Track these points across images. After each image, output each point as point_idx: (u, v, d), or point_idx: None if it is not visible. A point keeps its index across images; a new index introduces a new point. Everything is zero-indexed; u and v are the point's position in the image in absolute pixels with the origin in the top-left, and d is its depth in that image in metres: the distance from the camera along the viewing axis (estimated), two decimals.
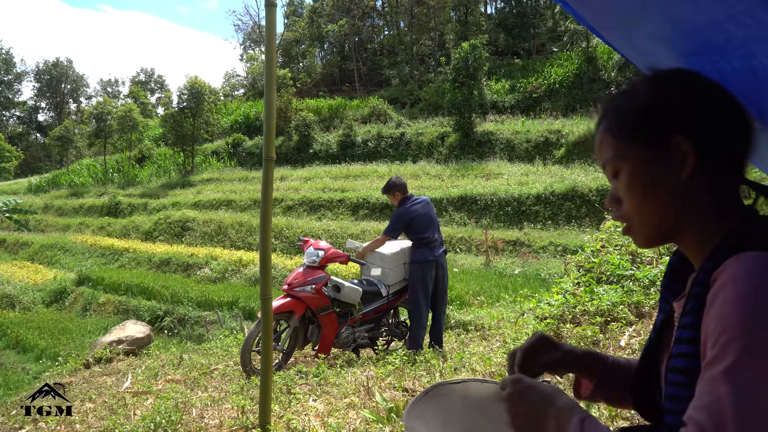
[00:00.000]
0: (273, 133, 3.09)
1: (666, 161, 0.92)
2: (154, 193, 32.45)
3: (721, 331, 0.75)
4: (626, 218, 0.98)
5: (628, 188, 0.95)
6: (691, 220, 0.93)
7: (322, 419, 3.20)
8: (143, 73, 78.45)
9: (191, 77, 35.69)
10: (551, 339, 1.21)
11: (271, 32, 3.02)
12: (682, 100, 0.91)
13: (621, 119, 0.96)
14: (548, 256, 16.51)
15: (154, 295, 17.28)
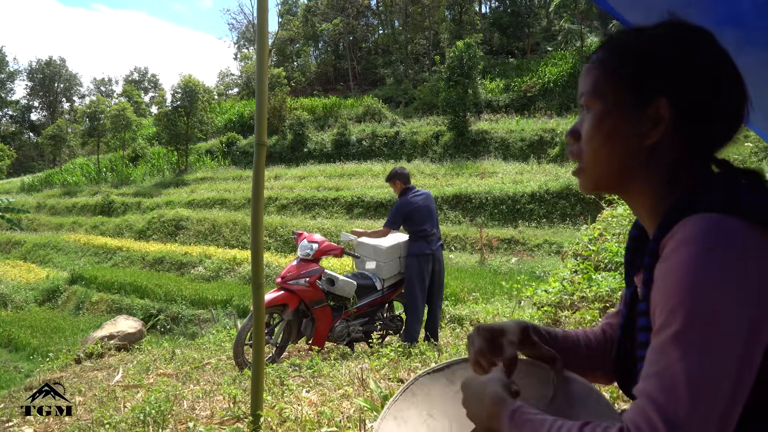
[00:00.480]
0: (265, 119, 3.03)
1: (638, 118, 0.86)
2: (147, 192, 32.31)
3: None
4: (579, 157, 0.93)
5: (591, 129, 0.90)
6: (643, 180, 0.89)
7: (315, 408, 3.14)
8: (137, 72, 78.30)
9: (185, 76, 35.58)
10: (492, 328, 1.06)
11: (263, 12, 2.96)
12: (685, 62, 0.84)
13: (617, 58, 0.89)
14: (543, 254, 16.50)
15: (148, 293, 17.20)
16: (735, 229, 0.72)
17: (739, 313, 0.68)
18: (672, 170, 0.87)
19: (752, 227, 0.73)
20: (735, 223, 0.73)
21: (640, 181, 0.89)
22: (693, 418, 0.65)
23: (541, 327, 1.13)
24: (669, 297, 0.72)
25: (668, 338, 0.70)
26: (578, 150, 0.92)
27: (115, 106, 42.34)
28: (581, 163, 0.93)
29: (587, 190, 0.95)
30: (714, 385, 0.66)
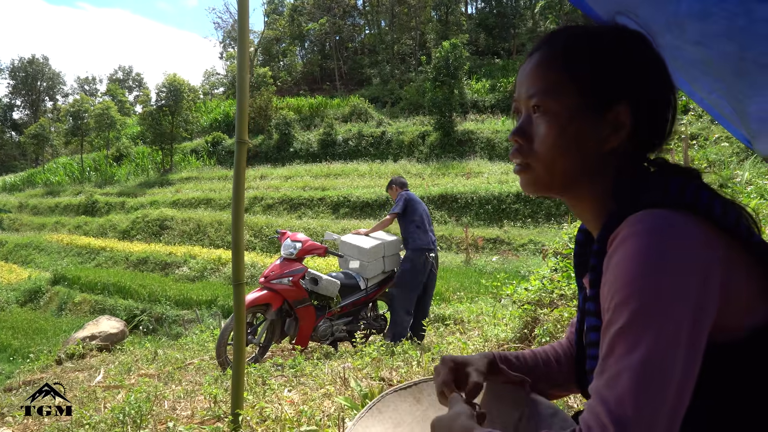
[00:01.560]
0: (246, 116, 3.02)
1: (599, 124, 0.85)
2: (131, 192, 32.05)
3: (615, 292, 0.72)
4: (528, 158, 0.90)
5: (550, 134, 0.86)
6: (593, 186, 0.88)
7: (296, 407, 3.13)
8: (121, 70, 77.54)
9: (170, 75, 35.35)
10: (458, 360, 1.08)
11: (243, 8, 2.95)
12: (641, 67, 0.85)
13: (575, 59, 0.86)
14: (528, 254, 16.58)
15: (131, 294, 17.05)
16: (678, 222, 0.73)
17: (684, 306, 0.69)
18: (621, 174, 0.87)
19: (695, 220, 0.74)
20: (678, 217, 0.74)
21: (589, 185, 0.88)
22: (641, 414, 0.65)
23: (509, 353, 1.14)
24: (615, 292, 0.72)
25: (615, 334, 0.70)
26: (527, 151, 0.90)
27: (99, 105, 41.97)
28: (528, 164, 0.90)
29: (534, 191, 0.93)
30: (661, 381, 0.66)
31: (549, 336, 2.85)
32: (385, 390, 3.22)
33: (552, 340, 2.85)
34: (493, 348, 3.40)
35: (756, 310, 0.76)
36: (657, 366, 0.66)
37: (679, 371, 0.67)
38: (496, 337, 3.53)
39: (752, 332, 0.76)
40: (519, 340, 3.27)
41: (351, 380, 3.24)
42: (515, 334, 3.32)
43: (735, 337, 0.75)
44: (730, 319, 0.74)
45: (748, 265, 0.77)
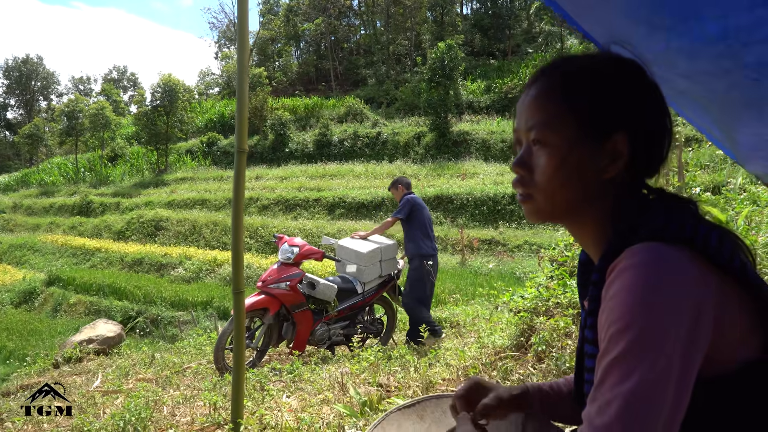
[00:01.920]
0: (245, 125, 3.04)
1: (598, 154, 0.87)
2: (126, 193, 31.97)
3: (611, 323, 0.75)
4: (529, 188, 0.92)
5: (550, 166, 0.88)
6: (593, 213, 0.91)
7: (295, 414, 3.17)
8: (116, 70, 77.32)
9: (165, 75, 35.25)
10: (484, 384, 1.16)
11: (243, 18, 2.98)
12: (637, 98, 0.87)
13: (572, 91, 0.88)
14: (523, 255, 16.63)
15: (127, 295, 17.04)
16: (674, 257, 0.76)
17: (676, 341, 0.71)
18: (620, 201, 0.90)
19: (690, 255, 0.77)
20: (674, 252, 0.76)
21: (589, 212, 0.91)
22: None
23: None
24: (612, 323, 0.74)
25: (609, 364, 0.73)
26: (529, 181, 0.92)
27: (93, 105, 41.83)
28: (530, 194, 0.92)
29: (536, 220, 0.95)
30: (650, 412, 0.69)
31: (545, 344, 2.89)
32: (383, 396, 3.25)
33: (548, 348, 2.89)
34: (489, 355, 3.44)
35: (748, 344, 0.79)
36: (647, 397, 0.69)
37: (669, 404, 0.70)
38: (492, 344, 3.57)
39: (743, 366, 0.78)
40: (516, 348, 3.32)
41: (350, 387, 3.28)
42: (512, 341, 3.36)
43: (726, 370, 0.78)
44: (722, 353, 0.77)
45: (741, 300, 0.79)
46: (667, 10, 0.97)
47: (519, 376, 2.89)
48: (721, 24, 0.86)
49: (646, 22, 1.09)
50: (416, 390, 3.19)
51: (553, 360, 2.78)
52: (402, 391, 3.28)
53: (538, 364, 2.92)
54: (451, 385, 3.21)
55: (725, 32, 0.87)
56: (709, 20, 0.88)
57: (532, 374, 2.83)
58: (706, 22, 0.89)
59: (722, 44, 0.89)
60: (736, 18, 0.80)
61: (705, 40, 0.94)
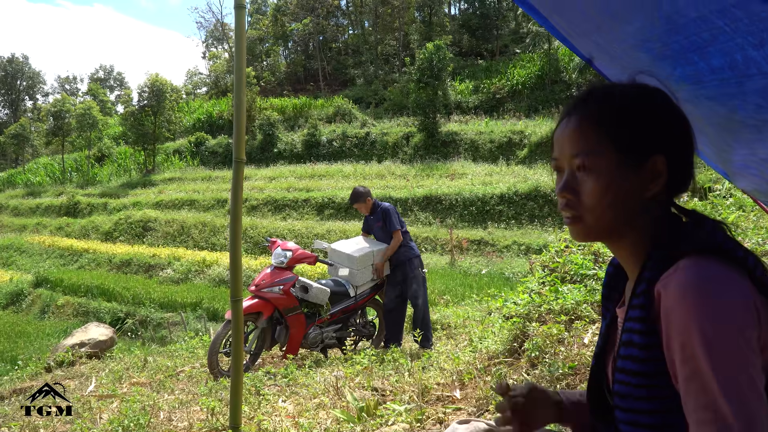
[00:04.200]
0: (243, 135, 3.08)
1: (639, 175, 0.96)
2: (114, 193, 31.78)
3: (684, 346, 0.83)
4: (577, 211, 1.00)
5: (598, 189, 0.96)
6: (636, 229, 1.00)
7: (293, 420, 3.21)
8: (102, 69, 76.68)
9: (152, 75, 35.10)
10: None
11: (241, 34, 3.01)
12: (670, 123, 0.97)
13: (612, 120, 0.97)
14: (512, 255, 16.76)
15: (115, 296, 16.96)
16: (727, 276, 0.86)
17: (748, 351, 0.82)
18: (660, 218, 0.99)
19: (736, 269, 0.87)
20: (725, 270, 0.86)
21: (633, 231, 1.00)
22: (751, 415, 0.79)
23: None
24: (683, 347, 0.84)
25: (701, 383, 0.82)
26: (577, 204, 1.00)
27: (80, 104, 41.46)
28: (578, 216, 1.00)
29: (584, 239, 1.04)
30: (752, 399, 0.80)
31: (538, 351, 2.96)
32: (379, 402, 3.31)
33: (541, 355, 2.96)
34: (483, 360, 3.51)
35: None
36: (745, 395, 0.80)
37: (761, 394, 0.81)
38: (486, 348, 3.64)
39: None
40: (509, 353, 3.39)
41: (346, 393, 3.33)
42: (505, 347, 3.43)
43: None
44: None
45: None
46: (674, 44, 1.03)
47: (513, 381, 2.96)
48: (727, 58, 0.92)
49: (652, 51, 1.15)
50: (411, 395, 3.25)
51: (546, 366, 2.85)
52: (398, 396, 3.34)
53: (532, 370, 2.99)
54: (446, 390, 3.27)
55: (732, 64, 0.92)
56: (716, 54, 0.94)
57: (526, 380, 2.90)
58: (712, 55, 0.95)
59: (728, 74, 0.95)
60: (744, 53, 0.86)
61: (710, 71, 1.00)
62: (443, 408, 2.96)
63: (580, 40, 1.52)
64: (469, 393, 3.14)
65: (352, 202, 6.36)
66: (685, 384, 0.84)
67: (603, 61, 1.58)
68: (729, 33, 0.91)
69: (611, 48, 1.37)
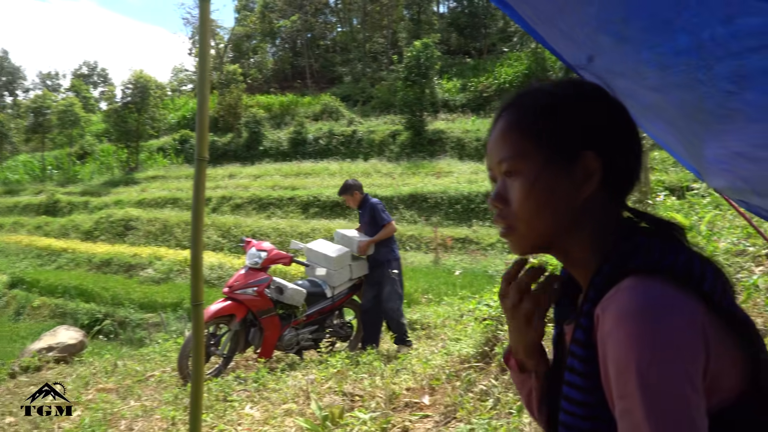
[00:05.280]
0: (206, 132, 2.96)
1: (570, 175, 0.87)
2: (95, 191, 31.35)
3: (619, 378, 0.73)
4: (510, 221, 0.91)
5: (523, 192, 0.88)
6: (579, 238, 0.90)
7: (258, 427, 3.09)
8: (86, 65, 75.64)
9: (136, 71, 34.67)
10: None
11: (205, 27, 2.89)
12: (600, 116, 0.88)
13: (534, 118, 0.90)
14: (496, 253, 16.71)
15: (94, 297, 16.68)
16: (673, 298, 0.74)
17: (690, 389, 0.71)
18: (602, 222, 0.89)
19: (684, 290, 0.76)
20: (670, 291, 0.75)
21: (573, 237, 0.90)
22: None
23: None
24: (618, 376, 0.73)
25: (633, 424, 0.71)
26: (508, 214, 0.91)
27: (62, 101, 40.93)
28: (512, 227, 0.91)
29: (522, 251, 0.94)
30: None
31: None
32: (345, 409, 3.20)
33: None
34: (454, 364, 3.41)
35: (730, 380, 0.78)
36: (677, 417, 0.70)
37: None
38: (458, 352, 3.54)
39: (729, 402, 0.78)
40: (480, 357, 3.29)
41: (312, 401, 3.22)
42: (476, 350, 3.33)
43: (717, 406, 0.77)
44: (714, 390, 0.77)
45: (727, 335, 0.79)
46: (636, 22, 0.94)
47: (482, 387, 2.86)
48: (694, 37, 0.83)
49: (615, 33, 1.06)
50: (379, 401, 3.14)
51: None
52: (366, 402, 3.23)
53: (501, 376, 2.89)
54: (415, 396, 3.17)
55: (699, 44, 0.83)
56: (681, 33, 0.85)
57: (495, 386, 2.80)
58: (678, 34, 0.86)
59: (695, 56, 0.85)
60: (712, 30, 0.77)
61: (676, 53, 0.91)
62: (410, 416, 2.85)
63: (545, 28, 1.44)
64: (438, 399, 3.04)
65: (340, 193, 6.29)
66: (619, 420, 0.74)
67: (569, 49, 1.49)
68: (694, 7, 0.81)
69: (574, 33, 1.28)
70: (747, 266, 3.23)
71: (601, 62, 1.03)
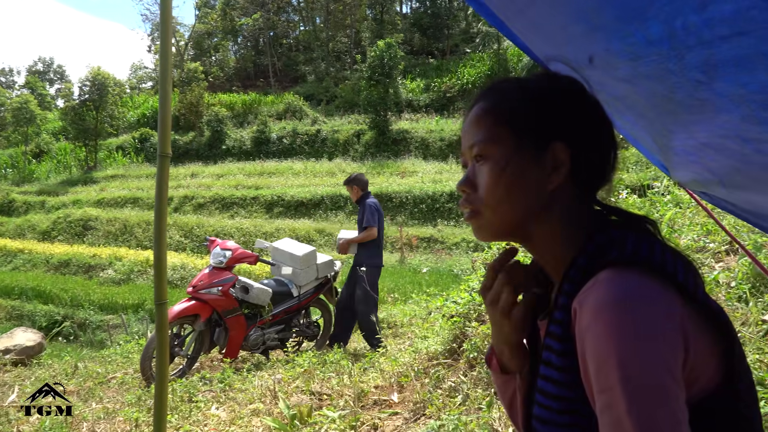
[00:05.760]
0: (168, 128, 2.89)
1: (539, 164, 0.87)
2: (52, 191, 30.50)
3: (599, 372, 0.72)
4: (476, 206, 0.90)
5: (492, 177, 0.88)
6: (545, 229, 0.89)
7: (221, 429, 3.05)
8: (41, 62, 73.42)
9: (94, 68, 33.85)
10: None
11: (166, 17, 2.83)
12: (574, 111, 0.89)
13: (508, 105, 0.90)
14: (460, 252, 16.86)
15: (52, 298, 16.24)
16: (651, 290, 0.74)
17: (670, 381, 0.70)
18: (571, 214, 0.89)
19: (661, 282, 0.75)
20: (647, 282, 0.74)
21: (541, 227, 0.89)
22: None
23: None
24: (598, 373, 0.72)
25: (618, 417, 0.70)
26: (475, 199, 0.90)
27: (16, 98, 39.71)
28: (478, 212, 0.90)
29: (486, 237, 0.93)
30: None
31: (476, 351, 2.88)
32: (314, 408, 3.18)
33: (479, 356, 2.88)
34: (423, 361, 3.42)
35: (707, 371, 0.78)
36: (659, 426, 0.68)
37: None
38: (426, 349, 3.55)
39: (705, 395, 0.77)
40: (448, 354, 3.30)
41: (280, 400, 3.18)
42: (444, 347, 3.35)
43: (694, 397, 0.77)
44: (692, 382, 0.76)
45: (701, 328, 0.78)
46: (609, 10, 0.95)
47: (451, 383, 2.87)
48: (666, 25, 0.83)
49: (586, 22, 1.06)
50: (348, 399, 3.13)
51: (483, 368, 2.77)
52: (334, 400, 3.21)
53: (470, 371, 2.91)
54: (384, 393, 3.17)
55: (671, 33, 0.84)
56: (653, 21, 0.85)
57: (464, 382, 2.81)
58: (650, 23, 0.86)
59: (666, 46, 0.86)
60: (684, 18, 0.77)
61: (648, 42, 0.92)
62: (379, 413, 2.85)
63: (515, 21, 1.44)
64: (407, 396, 3.04)
65: (344, 183, 6.28)
66: (600, 415, 0.73)
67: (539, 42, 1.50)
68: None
69: (546, 24, 1.28)
70: (708, 262, 3.32)
71: (573, 53, 1.03)
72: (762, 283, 2.77)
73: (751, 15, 0.65)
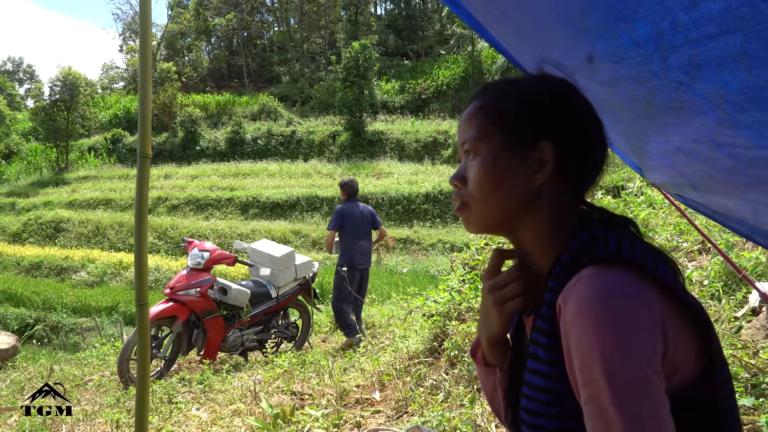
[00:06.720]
0: (149, 129, 2.88)
1: (526, 161, 0.91)
2: (23, 192, 29.88)
3: (583, 365, 0.76)
4: (465, 199, 0.96)
5: (480, 172, 0.93)
6: (529, 222, 0.93)
7: (204, 429, 3.05)
8: (11, 61, 71.94)
9: (64, 68, 33.24)
10: None
11: (146, 18, 2.82)
12: (562, 112, 0.92)
13: (499, 105, 0.94)
14: (437, 253, 16.95)
15: (24, 301, 15.93)
16: (632, 286, 0.78)
17: (652, 373, 0.74)
18: (556, 212, 0.92)
19: (642, 278, 0.79)
20: (629, 279, 0.78)
21: (526, 222, 0.93)
22: None
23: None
24: (583, 367, 0.76)
25: (602, 408, 0.73)
26: (465, 193, 0.95)
27: None
28: (464, 203, 0.95)
29: (474, 229, 0.97)
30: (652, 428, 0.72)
31: (457, 350, 2.93)
32: (296, 407, 3.19)
33: (460, 354, 2.93)
34: (403, 360, 3.46)
35: (687, 365, 0.82)
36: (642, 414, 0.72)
37: (662, 414, 0.73)
38: (407, 348, 3.59)
39: (684, 388, 0.81)
40: (429, 353, 3.35)
41: (262, 399, 3.19)
42: (425, 346, 3.39)
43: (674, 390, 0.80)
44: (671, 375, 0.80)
45: (681, 323, 0.82)
46: (595, 13, 0.98)
47: (432, 381, 2.91)
48: (654, 26, 0.87)
49: (572, 25, 1.09)
50: (330, 399, 3.15)
51: (465, 365, 2.82)
52: (316, 400, 3.24)
53: (451, 370, 2.95)
54: (365, 392, 3.20)
55: (658, 34, 0.87)
56: (641, 22, 0.88)
57: (445, 380, 2.86)
58: (638, 24, 0.90)
59: (652, 46, 0.90)
60: (673, 17, 0.81)
61: (633, 44, 0.95)
62: (361, 411, 2.88)
63: (496, 25, 1.47)
64: (389, 395, 3.08)
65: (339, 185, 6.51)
66: (585, 406, 0.77)
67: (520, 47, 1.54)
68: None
69: (528, 28, 1.32)
70: (681, 261, 3.42)
71: (554, 56, 1.07)
72: (734, 281, 2.87)
73: (741, 12, 0.68)
